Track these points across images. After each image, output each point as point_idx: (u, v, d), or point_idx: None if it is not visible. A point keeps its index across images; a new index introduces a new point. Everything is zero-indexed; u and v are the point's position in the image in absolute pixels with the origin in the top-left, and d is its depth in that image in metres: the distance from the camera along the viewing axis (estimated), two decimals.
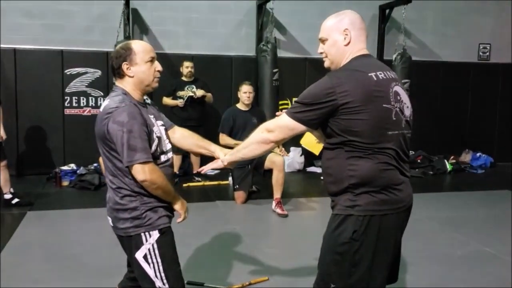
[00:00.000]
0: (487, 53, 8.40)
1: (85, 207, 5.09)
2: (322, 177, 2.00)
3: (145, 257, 2.07)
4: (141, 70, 2.09)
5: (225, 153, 2.29)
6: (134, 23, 6.89)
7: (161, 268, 2.07)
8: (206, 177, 6.46)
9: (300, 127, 1.90)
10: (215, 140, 5.37)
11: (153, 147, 2.07)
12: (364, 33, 2.00)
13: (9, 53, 6.42)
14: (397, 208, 1.90)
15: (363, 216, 1.84)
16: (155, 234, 2.08)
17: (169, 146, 2.21)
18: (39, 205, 5.10)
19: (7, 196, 5.02)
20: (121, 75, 2.10)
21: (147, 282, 2.09)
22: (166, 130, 2.24)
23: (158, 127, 2.14)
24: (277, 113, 2.06)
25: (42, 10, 6.59)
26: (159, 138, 2.12)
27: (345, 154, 1.86)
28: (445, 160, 7.58)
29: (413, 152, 7.74)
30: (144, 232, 2.06)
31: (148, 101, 2.26)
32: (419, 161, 7.63)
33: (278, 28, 7.27)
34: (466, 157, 8.02)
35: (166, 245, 2.11)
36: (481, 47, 8.37)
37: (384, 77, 1.90)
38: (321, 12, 7.56)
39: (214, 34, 7.17)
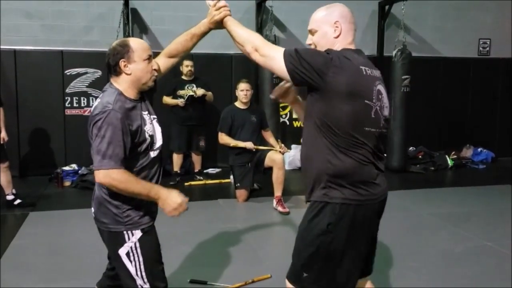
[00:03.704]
0: (487, 48, 8.40)
1: (87, 207, 5.00)
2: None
3: (127, 254, 2.08)
4: (138, 68, 2.06)
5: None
6: (134, 23, 6.90)
7: (142, 267, 2.08)
8: (207, 175, 6.48)
9: (283, 70, 1.86)
10: (216, 140, 5.42)
11: (144, 146, 2.07)
12: (354, 28, 2.01)
13: (9, 54, 6.43)
14: (372, 199, 1.91)
15: (339, 204, 1.85)
16: (138, 233, 2.08)
17: (160, 143, 2.18)
18: (41, 206, 5.11)
19: (10, 197, 5.03)
20: (117, 72, 2.07)
21: (128, 279, 2.10)
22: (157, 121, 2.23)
23: (150, 125, 2.12)
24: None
25: (42, 11, 6.60)
26: (152, 136, 2.11)
27: (325, 143, 1.87)
28: (446, 156, 7.58)
29: (414, 148, 7.76)
30: (126, 231, 2.07)
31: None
32: (420, 157, 7.64)
33: (278, 26, 7.27)
34: (467, 152, 8.02)
35: (149, 244, 2.11)
36: (481, 42, 8.36)
37: (371, 74, 1.91)
38: None
39: (214, 33, 6.97)
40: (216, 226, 4.49)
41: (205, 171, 6.68)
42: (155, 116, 2.21)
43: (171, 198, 2.03)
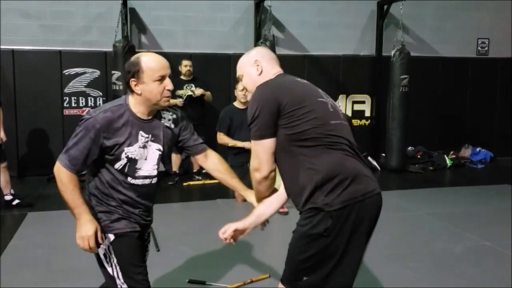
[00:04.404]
0: (486, 48, 8.40)
1: None
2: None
3: (104, 255, 2.09)
4: (148, 89, 2.00)
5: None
6: (132, 23, 6.89)
7: (118, 269, 2.07)
8: (206, 175, 6.47)
9: (271, 141, 1.91)
10: (215, 140, 5.41)
11: (118, 166, 2.04)
12: (276, 63, 2.12)
13: (8, 54, 6.41)
14: (366, 193, 1.88)
15: (336, 209, 1.83)
16: (111, 237, 2.07)
17: (148, 173, 2.10)
18: (40, 206, 5.10)
19: (8, 198, 5.02)
20: (130, 90, 2.06)
21: (108, 278, 2.11)
22: (161, 155, 2.13)
23: (140, 148, 2.05)
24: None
25: (40, 11, 6.59)
26: (131, 160, 2.04)
27: (302, 157, 1.87)
28: (445, 156, 7.59)
29: (413, 148, 7.76)
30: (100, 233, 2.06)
31: (168, 121, 2.16)
32: (419, 156, 7.65)
33: (276, 25, 7.27)
34: (466, 152, 8.02)
35: (123, 248, 2.07)
36: (479, 42, 8.36)
37: (306, 81, 2.05)
38: (319, 9, 7.57)
39: (213, 33, 7.16)
40: (215, 226, 4.44)
41: (203, 171, 6.66)
42: (159, 147, 2.11)
43: (84, 227, 1.98)
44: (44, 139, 6.64)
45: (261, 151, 1.93)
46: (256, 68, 2.07)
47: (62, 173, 2.00)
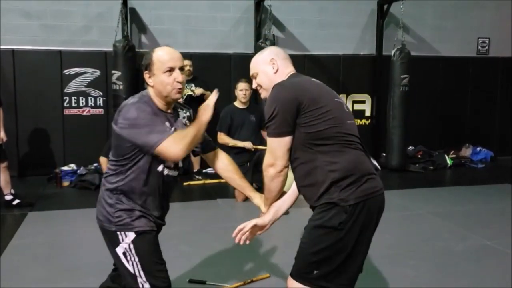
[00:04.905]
0: (486, 47, 8.39)
1: (86, 207, 5.08)
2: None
3: (124, 254, 2.08)
4: (158, 81, 2.04)
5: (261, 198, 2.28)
6: (132, 22, 6.88)
7: (139, 266, 2.07)
8: (206, 175, 6.47)
9: (288, 139, 1.95)
10: (215, 139, 5.41)
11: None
12: (290, 62, 2.19)
13: (8, 54, 6.41)
14: (376, 191, 1.96)
15: (351, 204, 1.89)
16: (131, 235, 2.07)
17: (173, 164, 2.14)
18: (40, 206, 5.11)
19: (8, 197, 5.02)
20: (146, 83, 2.10)
21: (129, 277, 2.10)
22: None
23: None
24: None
25: (40, 11, 6.58)
26: None
27: (318, 154, 1.93)
28: (445, 155, 7.58)
29: (413, 147, 7.75)
30: (119, 231, 2.07)
31: (183, 118, 2.21)
32: (419, 156, 7.63)
33: (277, 25, 7.26)
34: (466, 151, 8.01)
35: (144, 246, 2.08)
36: (480, 41, 8.35)
37: (320, 82, 2.12)
38: (319, 8, 7.57)
39: (213, 32, 7.16)
40: (215, 225, 4.48)
41: (204, 170, 6.66)
42: None
43: (205, 112, 2.14)
44: (44, 139, 6.64)
45: (278, 147, 1.96)
46: (272, 67, 2.12)
47: (169, 144, 1.94)
